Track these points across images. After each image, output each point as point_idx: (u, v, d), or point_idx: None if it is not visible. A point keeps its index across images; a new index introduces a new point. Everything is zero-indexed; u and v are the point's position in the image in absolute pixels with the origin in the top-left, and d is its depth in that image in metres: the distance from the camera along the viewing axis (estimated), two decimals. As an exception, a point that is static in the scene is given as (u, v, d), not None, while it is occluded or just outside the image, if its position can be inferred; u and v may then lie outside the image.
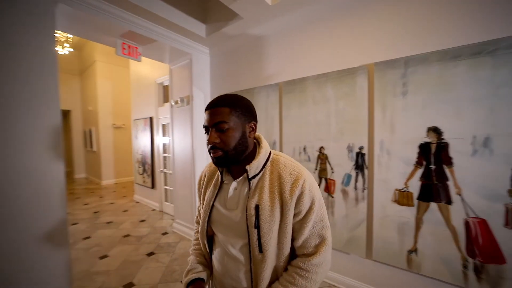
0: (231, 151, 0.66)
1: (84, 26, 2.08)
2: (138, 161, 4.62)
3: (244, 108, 0.69)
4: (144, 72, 4.25)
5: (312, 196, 0.66)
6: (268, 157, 0.72)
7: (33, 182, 1.58)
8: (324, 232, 0.67)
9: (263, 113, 2.37)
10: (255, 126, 0.72)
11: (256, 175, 0.70)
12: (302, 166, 0.72)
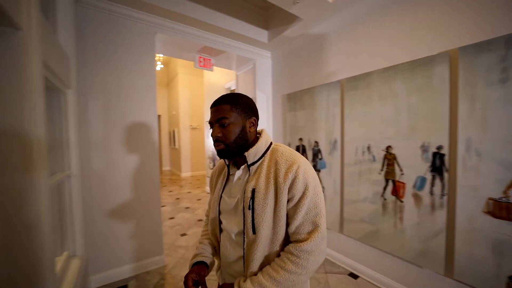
0: (232, 144, 0.72)
1: (172, 47, 2.61)
2: (209, 157, 5.30)
3: (243, 105, 0.74)
4: (214, 79, 4.84)
5: (306, 182, 0.67)
6: (268, 147, 0.77)
7: (142, 169, 2.11)
8: (318, 220, 0.67)
9: (323, 112, 2.35)
10: (256, 122, 0.77)
11: (255, 162, 0.74)
12: (300, 155, 0.74)
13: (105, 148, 1.96)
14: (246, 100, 0.76)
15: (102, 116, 1.94)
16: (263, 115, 3.08)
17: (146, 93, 2.14)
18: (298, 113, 2.67)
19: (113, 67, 1.97)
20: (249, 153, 0.73)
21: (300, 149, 2.66)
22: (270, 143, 0.78)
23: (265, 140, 0.77)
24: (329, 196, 2.32)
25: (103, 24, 1.92)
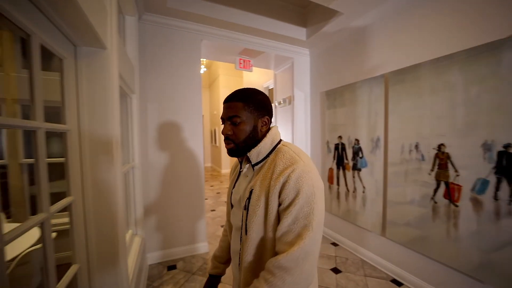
0: (241, 143, 0.70)
1: (215, 52, 2.82)
2: (247, 155, 5.51)
3: (257, 104, 0.71)
4: (253, 79, 5.00)
5: (298, 188, 0.60)
6: (275, 146, 0.72)
7: (189, 164, 2.37)
8: (304, 232, 0.58)
9: (365, 108, 2.24)
10: (268, 121, 0.74)
11: (259, 162, 0.72)
12: (305, 157, 0.67)
13: (159, 144, 2.26)
14: (261, 98, 0.73)
15: (157, 116, 2.24)
16: (301, 113, 3.08)
17: (193, 95, 2.38)
18: (337, 110, 2.60)
19: (166, 73, 2.25)
20: (251, 153, 0.71)
21: (339, 147, 2.58)
22: (278, 142, 0.74)
23: (270, 139, 0.72)
24: (370, 196, 2.21)
25: (158, 36, 2.21)
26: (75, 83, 0.95)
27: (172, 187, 2.32)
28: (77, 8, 0.69)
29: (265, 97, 0.75)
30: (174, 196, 2.33)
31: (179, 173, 2.34)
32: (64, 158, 0.94)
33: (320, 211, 0.61)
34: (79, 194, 0.97)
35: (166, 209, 2.31)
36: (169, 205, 2.32)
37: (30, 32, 0.65)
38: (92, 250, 1.00)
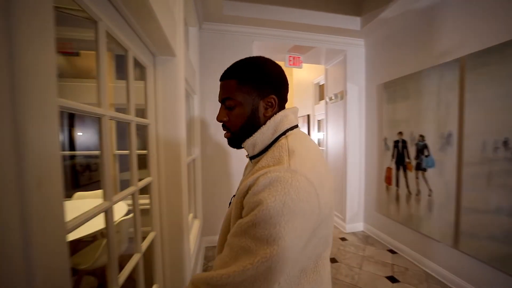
0: (238, 132, 0.56)
1: (265, 51, 2.92)
2: (296, 153, 5.48)
3: (256, 79, 0.54)
4: (303, 76, 4.93)
5: (260, 199, 0.41)
6: (279, 136, 0.54)
7: (241, 159, 2.55)
8: (241, 261, 0.40)
9: (432, 100, 1.96)
10: (275, 101, 0.55)
11: (257, 155, 0.56)
12: (297, 158, 0.47)
13: (216, 139, 2.51)
14: (262, 70, 0.55)
15: (214, 114, 2.49)
16: (354, 108, 2.90)
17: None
18: (398, 103, 2.35)
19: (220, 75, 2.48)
20: (245, 144, 0.57)
21: (399, 144, 2.33)
22: (284, 132, 0.54)
23: (272, 128, 0.54)
24: (438, 201, 1.92)
25: (215, 41, 2.45)
26: (153, 86, 1.19)
27: (226, 179, 2.55)
28: (158, 26, 0.88)
29: (269, 67, 0.56)
30: (227, 187, 2.55)
31: (233, 166, 2.55)
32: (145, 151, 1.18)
33: (284, 245, 0.39)
34: (156, 176, 1.20)
35: (221, 198, 2.55)
36: (223, 195, 2.55)
37: (127, 48, 0.86)
38: (164, 222, 1.23)
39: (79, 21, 1.40)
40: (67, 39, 2.26)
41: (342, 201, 2.99)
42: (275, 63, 0.59)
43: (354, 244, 2.59)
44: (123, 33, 0.81)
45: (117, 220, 1.67)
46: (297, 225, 0.41)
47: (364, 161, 2.94)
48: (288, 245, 0.40)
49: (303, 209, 0.42)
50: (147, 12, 0.79)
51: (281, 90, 0.57)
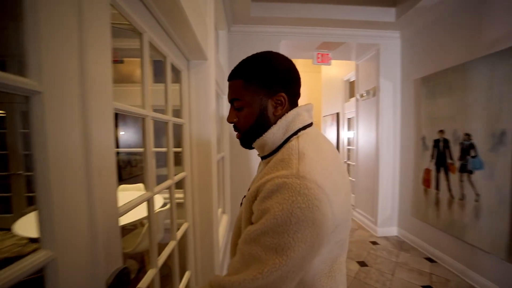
0: (247, 133, 0.55)
1: (293, 50, 2.91)
2: (324, 152, 5.33)
3: (263, 78, 0.51)
4: (332, 73, 4.77)
5: (267, 206, 0.41)
6: (291, 136, 0.51)
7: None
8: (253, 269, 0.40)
9: (482, 94, 1.76)
10: (285, 99, 0.52)
11: (268, 156, 0.54)
12: (307, 163, 0.43)
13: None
14: (269, 67, 0.52)
15: (241, 114, 2.57)
16: (387, 105, 2.72)
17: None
18: (438, 99, 2.15)
19: (249, 75, 2.55)
20: (255, 144, 0.56)
21: (439, 144, 2.13)
22: (296, 131, 0.52)
23: (283, 127, 0.52)
24: (488, 207, 1.72)
25: (242, 43, 2.52)
26: (187, 88, 1.28)
27: (252, 177, 2.61)
28: (193, 33, 0.96)
29: (277, 63, 0.53)
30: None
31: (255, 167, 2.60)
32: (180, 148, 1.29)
33: (293, 255, 0.39)
34: (189, 172, 1.30)
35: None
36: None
37: (166, 55, 0.95)
38: (196, 214, 1.33)
39: (124, 32, 1.58)
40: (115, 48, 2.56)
41: (373, 204, 2.84)
42: (284, 57, 0.55)
43: (387, 249, 2.45)
44: (163, 42, 0.90)
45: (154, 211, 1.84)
46: (307, 234, 0.39)
47: (398, 162, 2.75)
48: (297, 255, 0.39)
49: (313, 218, 0.39)
50: (183, 22, 0.87)
51: (291, 86, 0.54)
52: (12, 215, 3.28)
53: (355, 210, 3.32)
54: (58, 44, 0.42)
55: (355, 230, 2.91)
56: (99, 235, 0.49)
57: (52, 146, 0.40)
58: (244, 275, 0.40)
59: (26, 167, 3.40)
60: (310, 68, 7.41)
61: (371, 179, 2.88)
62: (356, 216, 3.26)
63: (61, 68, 0.42)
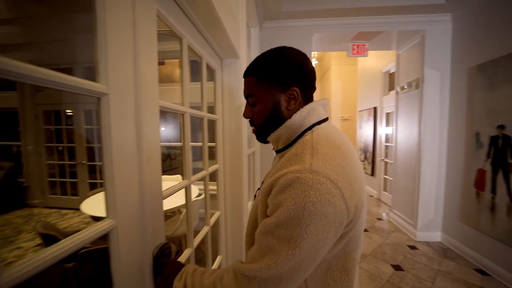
0: (262, 127, 0.57)
1: (326, 43, 2.81)
2: (360, 148, 5.05)
3: (275, 74, 0.52)
4: (369, 65, 4.46)
5: (281, 200, 0.43)
6: (305, 130, 0.52)
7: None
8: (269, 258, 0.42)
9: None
10: (297, 94, 0.53)
11: (282, 150, 0.55)
12: (321, 157, 0.44)
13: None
14: (280, 63, 0.53)
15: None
16: (433, 98, 2.46)
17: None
18: (499, 89, 1.87)
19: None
20: (270, 138, 0.58)
21: (498, 141, 1.87)
22: (311, 126, 0.53)
23: (298, 122, 0.53)
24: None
25: (274, 39, 2.53)
26: (221, 86, 1.37)
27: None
28: (226, 35, 1.03)
29: (289, 58, 0.53)
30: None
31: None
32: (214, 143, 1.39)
33: (306, 247, 0.41)
34: (222, 164, 1.39)
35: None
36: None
37: (202, 56, 1.04)
38: (227, 204, 1.42)
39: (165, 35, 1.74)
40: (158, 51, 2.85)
41: (413, 205, 2.62)
42: (297, 51, 0.55)
43: (427, 255, 2.25)
44: (199, 45, 0.98)
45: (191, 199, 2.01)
46: (319, 227, 0.41)
47: (445, 161, 2.48)
48: (310, 246, 0.41)
49: (325, 212, 0.41)
50: (218, 25, 0.94)
51: (304, 80, 0.54)
52: (78, 197, 3.90)
53: (392, 211, 3.11)
54: (119, 53, 0.51)
55: (391, 232, 2.73)
56: (147, 212, 0.59)
57: (115, 138, 0.50)
58: (260, 264, 0.43)
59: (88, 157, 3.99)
60: (345, 60, 7.04)
61: (411, 179, 2.66)
62: (393, 218, 3.05)
63: (121, 73, 0.52)
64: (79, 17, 3.06)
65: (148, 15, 0.60)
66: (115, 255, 0.51)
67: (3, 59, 0.30)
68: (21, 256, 2.44)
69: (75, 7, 2.77)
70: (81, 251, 1.54)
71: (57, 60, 3.64)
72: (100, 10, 0.46)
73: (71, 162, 4.01)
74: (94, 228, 0.46)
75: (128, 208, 0.54)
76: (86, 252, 1.59)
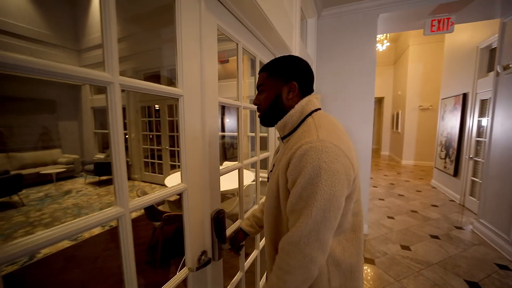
0: (266, 112, 0.70)
1: (396, 22, 2.48)
2: (441, 144, 4.25)
3: (280, 69, 0.67)
4: (462, 40, 3.62)
5: (301, 166, 0.53)
6: (306, 117, 0.65)
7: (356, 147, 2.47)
8: (302, 216, 0.52)
9: None
10: (296, 87, 0.66)
11: (287, 136, 0.68)
12: (324, 132, 0.57)
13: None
14: (286, 62, 0.68)
15: (328, 101, 2.53)
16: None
17: (365, 77, 2.35)
18: None
19: (338, 60, 2.44)
20: (277, 126, 0.69)
21: None
22: (309, 113, 0.65)
23: (299, 110, 0.66)
24: None
25: (332, 27, 2.42)
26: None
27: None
28: (278, 36, 1.13)
29: (293, 59, 0.68)
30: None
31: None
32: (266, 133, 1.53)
33: (329, 197, 0.51)
34: (271, 152, 1.53)
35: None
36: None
37: (255, 55, 1.18)
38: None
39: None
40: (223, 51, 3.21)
41: (510, 216, 2.10)
42: (301, 59, 0.70)
43: (526, 278, 1.80)
44: (253, 46, 1.12)
45: (245, 184, 2.26)
46: (335, 179, 0.52)
47: None
48: (331, 196, 0.51)
49: (336, 168, 0.52)
50: (270, 28, 1.05)
51: (303, 78, 0.68)
52: (162, 175, 4.87)
53: (478, 221, 2.55)
54: (190, 62, 0.70)
55: (474, 245, 2.27)
56: (208, 183, 0.78)
57: (188, 128, 0.70)
58: (298, 224, 0.53)
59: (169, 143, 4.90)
60: (428, 38, 5.89)
61: (509, 184, 2.12)
62: (479, 229, 2.51)
63: (191, 78, 0.70)
64: (163, 31, 3.79)
65: (211, 30, 0.77)
66: (186, 212, 0.72)
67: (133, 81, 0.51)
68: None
69: (160, 23, 3.46)
70: (164, 215, 2.01)
71: (150, 66, 4.58)
72: (178, 34, 0.65)
73: (158, 147, 5.01)
74: (174, 187, 0.67)
75: (195, 177, 0.74)
76: (168, 215, 2.04)
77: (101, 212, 0.48)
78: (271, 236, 0.69)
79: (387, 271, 1.89)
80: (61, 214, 3.30)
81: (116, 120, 0.50)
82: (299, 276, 0.53)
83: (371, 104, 2.36)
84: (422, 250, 2.19)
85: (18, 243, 0.35)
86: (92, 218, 0.46)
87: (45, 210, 3.47)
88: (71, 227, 0.42)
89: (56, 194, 4.19)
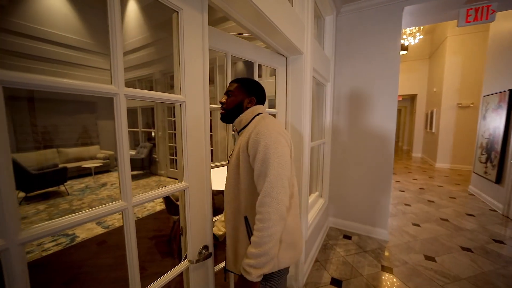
0: (229, 111, 0.90)
1: (426, 14, 2.29)
2: (481, 146, 3.81)
3: (248, 87, 0.90)
4: (509, 28, 3.20)
5: (258, 140, 0.75)
6: (254, 117, 0.87)
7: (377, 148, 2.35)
8: (267, 170, 0.72)
9: None
10: (254, 101, 0.90)
11: (242, 129, 0.88)
12: (268, 122, 0.80)
13: (348, 125, 2.47)
14: (254, 85, 0.92)
15: (348, 100, 2.44)
16: None
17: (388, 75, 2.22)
18: None
19: (359, 57, 2.33)
20: (235, 122, 0.91)
21: None
22: (257, 114, 0.89)
23: (250, 112, 0.89)
24: None
25: (353, 23, 2.32)
26: (285, 81, 1.49)
27: (354, 167, 2.47)
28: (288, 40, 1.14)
29: (257, 85, 0.93)
30: (354, 176, 2.48)
31: (365, 155, 2.41)
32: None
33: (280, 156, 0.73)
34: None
35: (346, 184, 2.53)
36: (349, 182, 2.52)
37: (254, 60, 1.20)
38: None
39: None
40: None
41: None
42: (260, 85, 0.95)
43: None
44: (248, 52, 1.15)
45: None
46: (279, 145, 0.74)
47: None
48: (281, 154, 0.73)
49: (279, 139, 0.75)
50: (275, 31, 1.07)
51: (259, 96, 0.93)
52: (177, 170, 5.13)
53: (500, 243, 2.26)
54: (192, 72, 0.75)
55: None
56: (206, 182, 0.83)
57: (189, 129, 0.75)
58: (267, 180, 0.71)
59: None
60: (469, 28, 5.29)
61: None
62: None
63: (192, 86, 0.76)
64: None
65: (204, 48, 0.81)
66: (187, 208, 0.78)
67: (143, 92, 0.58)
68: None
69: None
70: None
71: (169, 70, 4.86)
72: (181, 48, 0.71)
73: (174, 145, 5.27)
74: (176, 185, 0.74)
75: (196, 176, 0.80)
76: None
77: (108, 205, 0.56)
78: (232, 205, 0.85)
79: (406, 281, 1.78)
80: (97, 204, 3.68)
81: (121, 123, 0.57)
82: (276, 215, 0.70)
83: (394, 101, 2.23)
84: (449, 263, 2.01)
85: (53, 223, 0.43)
86: (99, 210, 0.53)
87: (84, 199, 3.91)
88: (83, 215, 0.50)
89: (94, 186, 4.67)
